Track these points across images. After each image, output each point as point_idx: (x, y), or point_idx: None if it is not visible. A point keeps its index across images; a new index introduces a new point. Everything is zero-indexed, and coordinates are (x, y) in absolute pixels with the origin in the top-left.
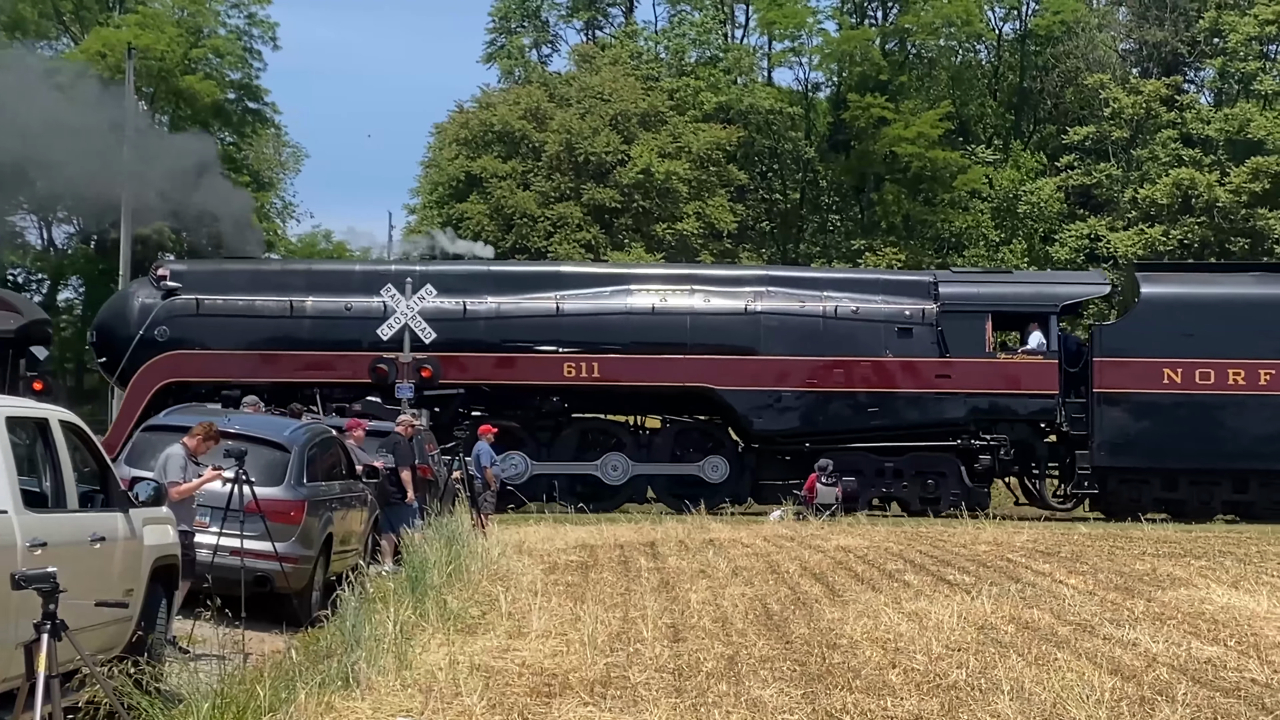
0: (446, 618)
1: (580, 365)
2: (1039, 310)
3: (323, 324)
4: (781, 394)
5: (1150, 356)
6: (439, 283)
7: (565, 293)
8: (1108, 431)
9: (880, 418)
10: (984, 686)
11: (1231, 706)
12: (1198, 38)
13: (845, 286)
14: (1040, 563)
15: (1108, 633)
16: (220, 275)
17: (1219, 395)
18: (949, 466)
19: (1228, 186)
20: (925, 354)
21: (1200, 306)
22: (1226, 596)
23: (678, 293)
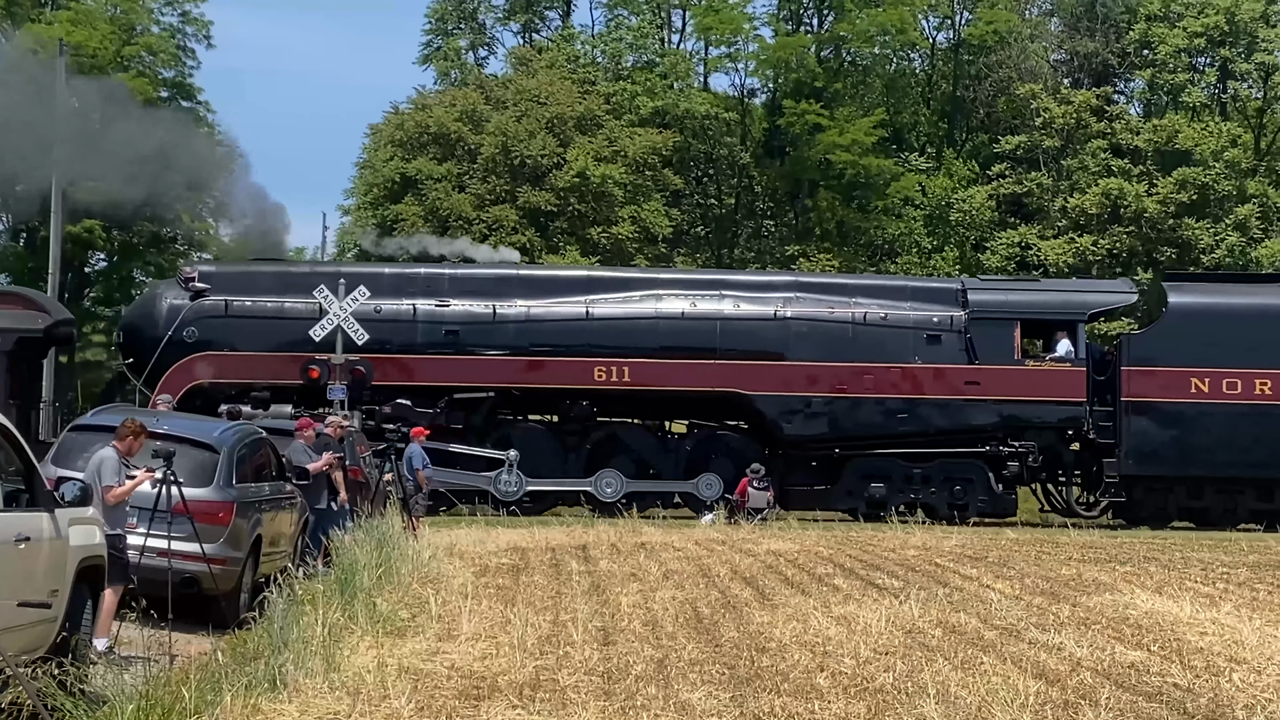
0: (376, 620)
1: (611, 369)
2: (1067, 318)
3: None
4: (811, 399)
5: (1178, 366)
6: (468, 286)
7: (594, 297)
8: (1135, 440)
9: (909, 424)
10: (910, 690)
11: (1154, 711)
12: (1128, 49)
13: (873, 293)
14: (968, 567)
15: (1033, 637)
16: (248, 277)
17: (1246, 405)
18: (977, 473)
19: (1156, 197)
20: (954, 361)
21: (1227, 316)
22: (1150, 602)
23: (707, 298)
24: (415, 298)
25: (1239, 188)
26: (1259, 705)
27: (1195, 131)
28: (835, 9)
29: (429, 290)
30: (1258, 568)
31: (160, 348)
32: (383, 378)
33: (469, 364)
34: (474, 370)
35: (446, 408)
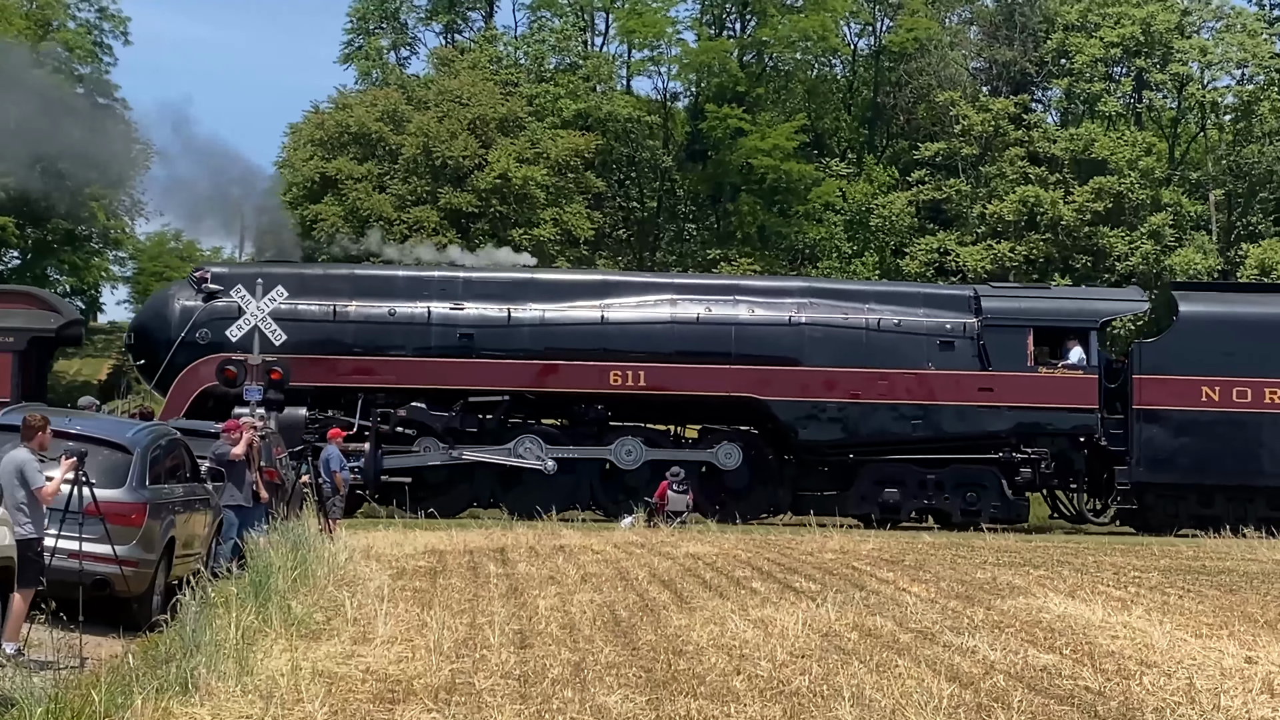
0: (290, 623)
1: (627, 373)
2: (1080, 326)
3: (367, 329)
4: (826, 404)
5: (1188, 374)
6: (483, 290)
7: (609, 301)
8: (1147, 447)
9: (923, 429)
10: (826, 693)
11: (1065, 714)
12: (1045, 58)
13: (886, 299)
14: (885, 571)
15: (948, 640)
16: (263, 279)
17: (1256, 413)
18: (989, 479)
19: (1072, 204)
20: (967, 367)
21: (1237, 325)
22: (1063, 605)
23: (722, 303)
24: (430, 301)
25: (1153, 196)
26: (1168, 709)
27: (1111, 140)
28: (758, 14)
29: (443, 294)
30: (1169, 572)
31: (173, 350)
32: (397, 380)
33: (484, 368)
34: (489, 374)
35: (461, 411)
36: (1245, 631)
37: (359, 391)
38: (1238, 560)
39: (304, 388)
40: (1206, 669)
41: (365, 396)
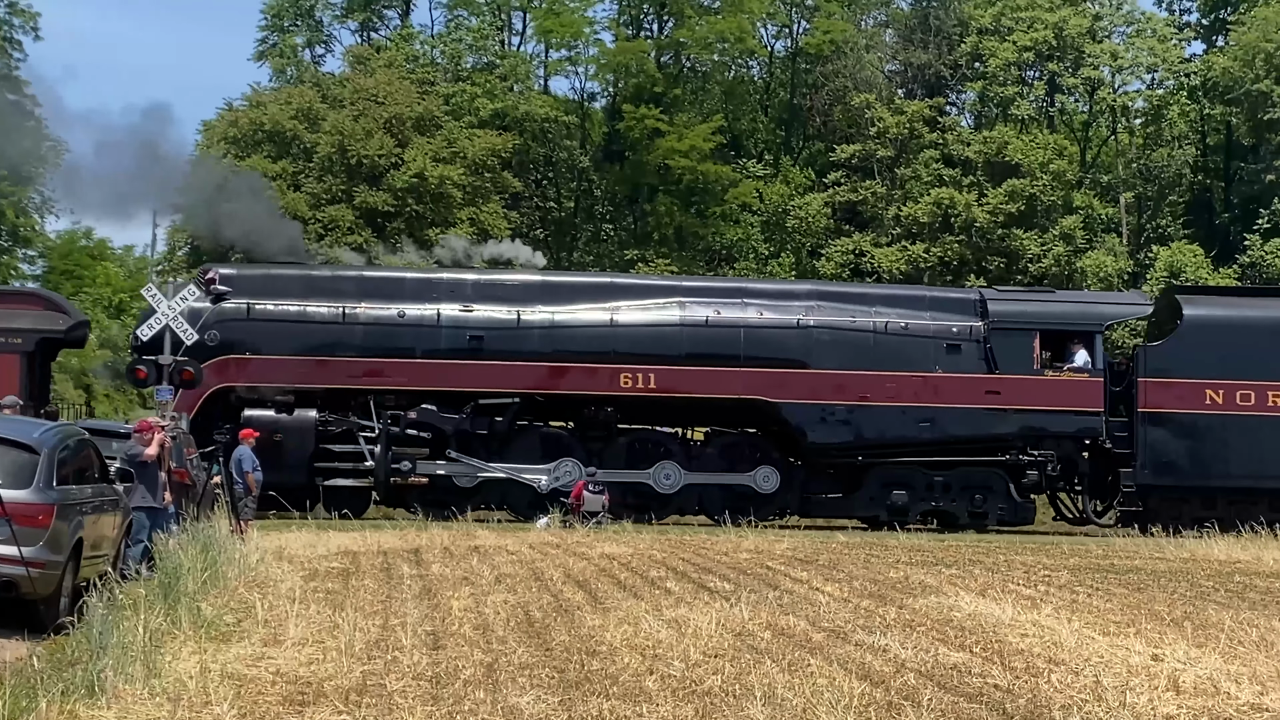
0: (200, 625)
1: (637, 376)
2: (1085, 329)
3: (376, 331)
4: (835, 407)
5: (1192, 377)
6: (492, 292)
7: (617, 303)
8: (1152, 450)
9: (931, 432)
10: (738, 692)
11: (974, 711)
12: (960, 61)
13: (892, 302)
14: (799, 570)
15: (860, 639)
16: (271, 280)
17: (1259, 416)
18: (996, 481)
19: (985, 207)
20: (973, 370)
21: (1241, 329)
22: (974, 604)
23: (730, 305)
24: (439, 303)
25: (1065, 199)
26: (1075, 706)
27: (1023, 144)
28: (675, 15)
29: (452, 295)
30: (1078, 571)
31: (181, 351)
32: (407, 382)
33: (495, 370)
34: (500, 376)
35: (472, 413)
36: (1152, 629)
37: (369, 394)
38: (1146, 559)
39: (314, 389)
40: (1113, 666)
41: (375, 398)
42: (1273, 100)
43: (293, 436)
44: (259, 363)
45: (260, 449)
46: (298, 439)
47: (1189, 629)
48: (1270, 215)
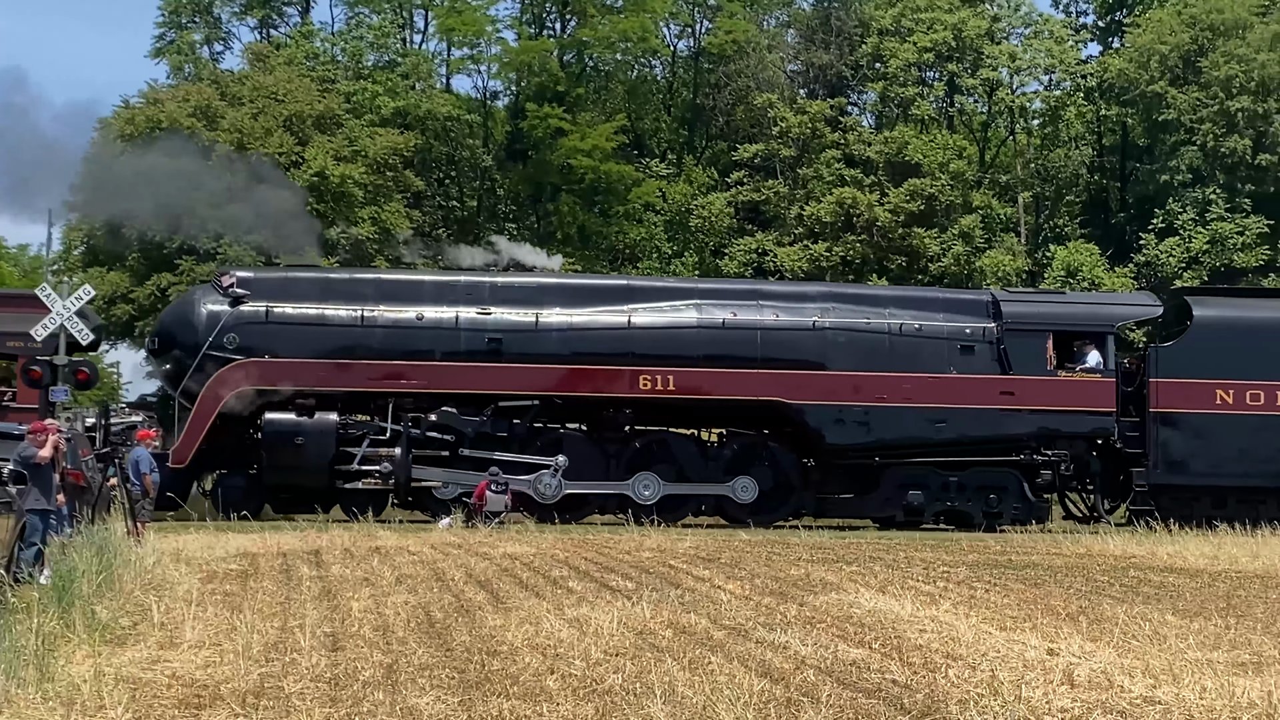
0: (94, 628)
1: (656, 378)
2: (1097, 330)
3: (395, 334)
4: (852, 408)
5: (1203, 378)
6: (509, 295)
7: (634, 306)
8: (1164, 450)
9: (947, 432)
10: (639, 691)
11: (872, 707)
12: (861, 62)
13: (906, 304)
14: (701, 569)
15: (760, 636)
16: (289, 283)
17: (1268, 416)
18: (1010, 481)
19: (886, 206)
20: (987, 371)
21: (1249, 330)
22: (874, 600)
23: (746, 307)
24: (457, 306)
25: (964, 199)
26: (972, 700)
27: (923, 144)
28: (578, 14)
29: (470, 298)
30: (976, 567)
31: (200, 354)
32: (428, 385)
33: (515, 372)
34: (520, 378)
35: (493, 416)
36: (1048, 624)
37: (389, 396)
38: (1043, 555)
39: (334, 393)
40: (1010, 661)
41: (395, 401)
42: (1167, 101)
43: (314, 440)
44: (280, 366)
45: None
46: (319, 442)
47: (1084, 623)
48: (1165, 215)
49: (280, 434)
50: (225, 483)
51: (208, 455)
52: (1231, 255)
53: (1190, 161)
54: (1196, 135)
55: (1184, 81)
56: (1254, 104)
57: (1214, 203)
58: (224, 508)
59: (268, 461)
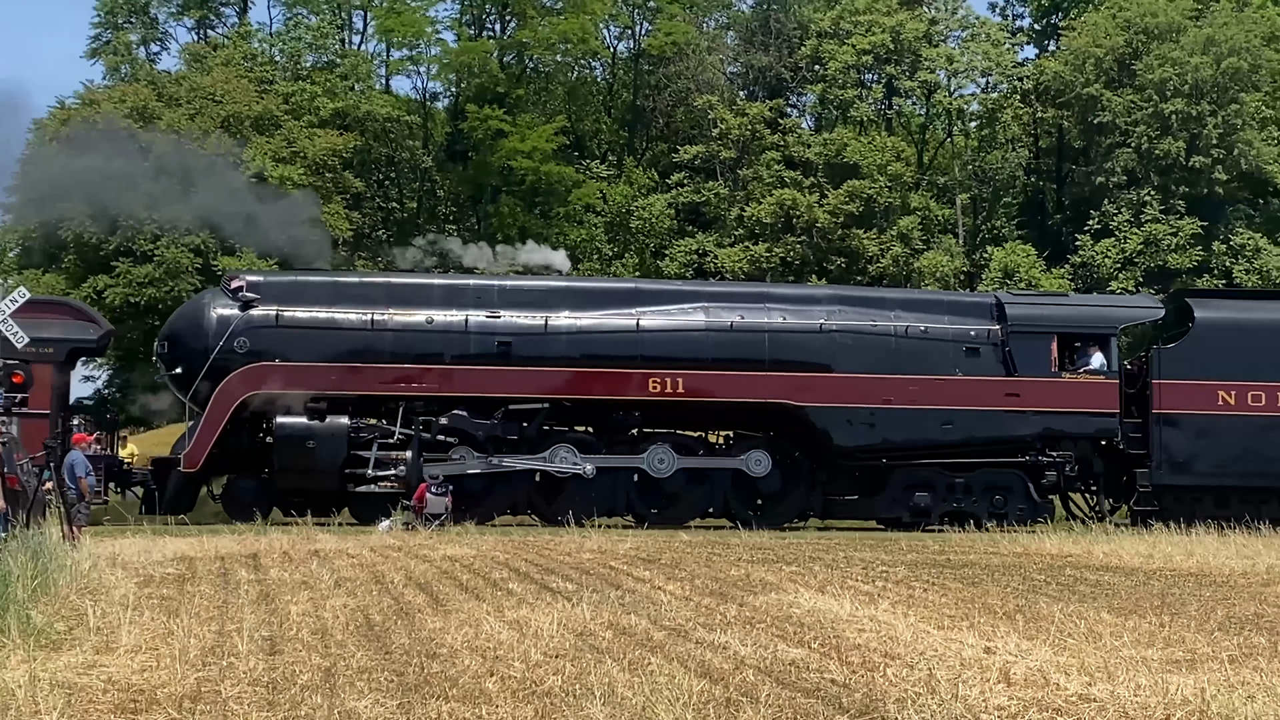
0: (29, 634)
1: (665, 380)
2: (1101, 332)
3: (406, 337)
4: (860, 410)
5: (1205, 379)
6: (520, 298)
7: (642, 309)
8: (1167, 450)
9: (954, 434)
10: (578, 692)
11: (811, 706)
12: (800, 64)
13: (912, 306)
14: (641, 570)
15: (700, 637)
16: (298, 287)
17: (1270, 416)
18: (1015, 482)
19: (826, 207)
20: (992, 373)
21: (1250, 331)
22: (813, 600)
23: (753, 310)
24: (466, 309)
25: (902, 200)
26: (909, 699)
27: (862, 145)
28: (517, 16)
29: (479, 302)
30: (915, 566)
31: (211, 358)
32: (439, 389)
33: (525, 375)
34: (530, 381)
35: (503, 419)
36: (985, 623)
37: (399, 400)
38: (981, 554)
39: (345, 396)
40: (947, 660)
41: (406, 405)
42: (1102, 104)
43: (325, 443)
44: (292, 370)
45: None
46: (330, 446)
47: (1020, 622)
48: (1100, 216)
49: (292, 437)
50: (236, 486)
51: (217, 460)
52: (1165, 256)
53: (1125, 164)
54: (1131, 138)
55: (1119, 84)
56: (1187, 107)
57: (1148, 204)
58: (235, 511)
59: (279, 465)
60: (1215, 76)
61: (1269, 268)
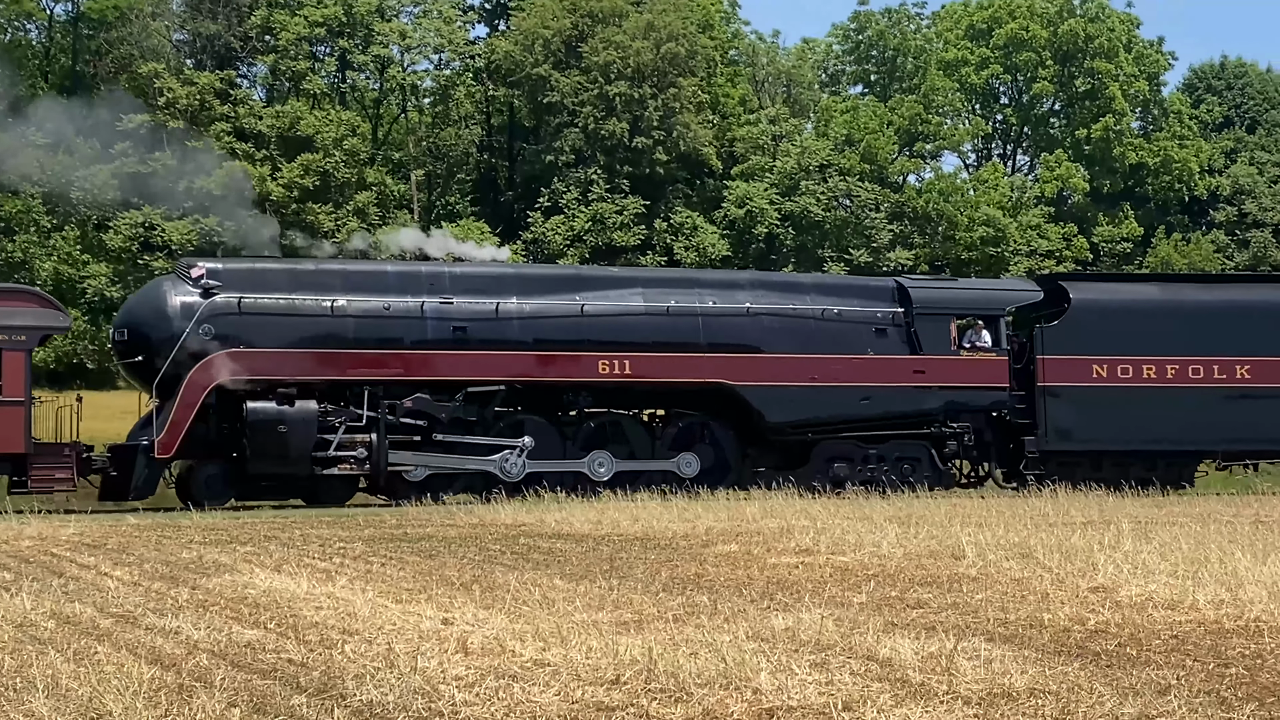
0: None
1: (613, 363)
2: (991, 313)
3: (366, 323)
4: (790, 389)
5: (1081, 354)
6: (470, 284)
7: (586, 294)
8: (1052, 420)
9: (871, 409)
10: (19, 686)
11: (268, 687)
12: (250, 33)
13: (823, 290)
14: (86, 556)
15: (150, 623)
16: (257, 274)
17: (1135, 387)
18: (922, 452)
19: (280, 181)
20: (899, 352)
21: (1117, 310)
22: (269, 580)
23: (686, 294)
24: (421, 295)
25: (359, 175)
26: (368, 674)
27: (317, 119)
28: None
29: (433, 288)
30: (373, 542)
31: (177, 346)
32: (404, 373)
33: (482, 359)
34: (488, 365)
35: (464, 401)
36: (443, 595)
37: (365, 384)
38: (438, 526)
39: (313, 381)
40: (406, 633)
41: (370, 389)
42: (551, 84)
43: (296, 428)
44: (261, 356)
45: (265, 439)
46: (302, 430)
47: (478, 592)
48: (550, 194)
49: (264, 422)
50: (203, 472)
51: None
52: (611, 234)
53: (573, 143)
54: (578, 118)
55: (567, 66)
56: (630, 89)
57: (595, 183)
58: (204, 497)
59: (251, 450)
60: (656, 61)
61: (705, 245)
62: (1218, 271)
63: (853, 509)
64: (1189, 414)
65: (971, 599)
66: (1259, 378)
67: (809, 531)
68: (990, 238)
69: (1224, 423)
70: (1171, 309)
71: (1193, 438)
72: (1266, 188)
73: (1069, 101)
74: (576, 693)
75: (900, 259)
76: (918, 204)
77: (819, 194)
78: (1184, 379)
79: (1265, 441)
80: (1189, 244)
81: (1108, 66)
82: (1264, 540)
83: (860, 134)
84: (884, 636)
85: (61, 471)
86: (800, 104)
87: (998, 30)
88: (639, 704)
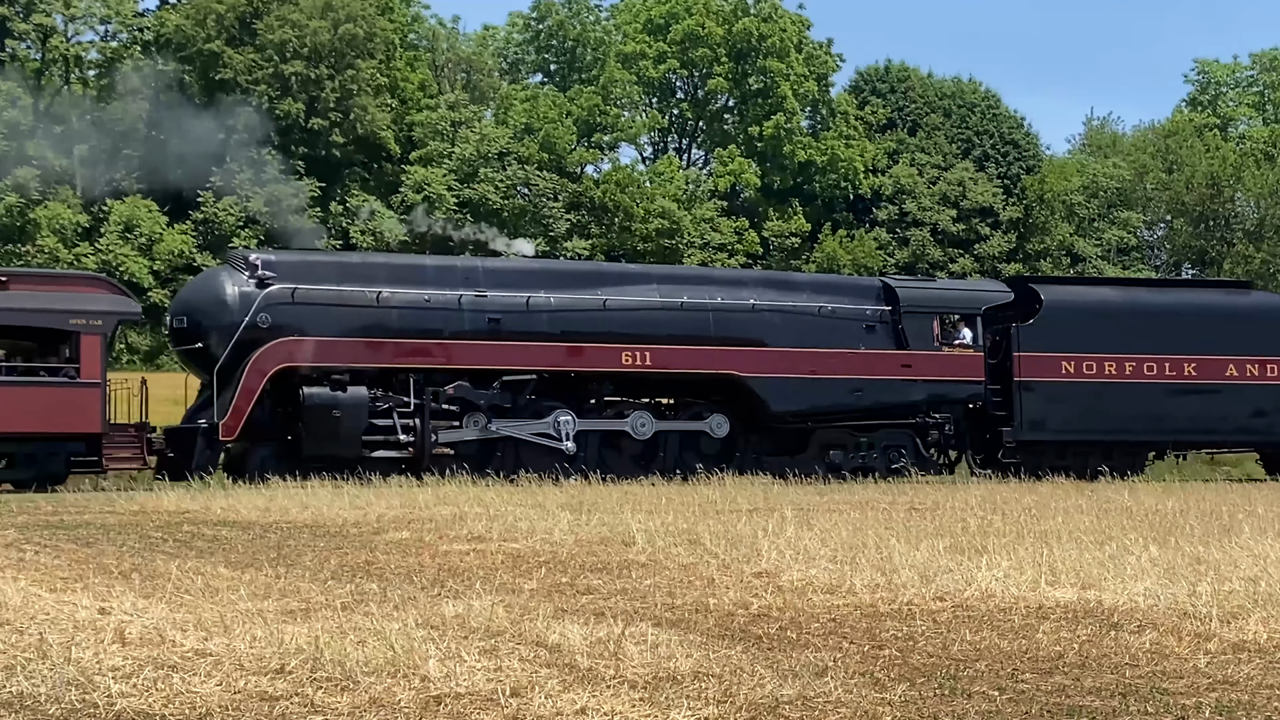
0: None
1: (636, 354)
2: (970, 312)
3: (408, 314)
4: (791, 380)
5: (1051, 352)
6: (502, 278)
7: (607, 289)
8: (1026, 412)
9: (863, 400)
10: None
11: None
12: None
13: (817, 288)
14: None
15: None
16: (308, 266)
17: (1099, 383)
18: (907, 441)
19: None
20: (886, 347)
21: (1082, 311)
22: None
23: (697, 290)
24: (458, 288)
25: (20, 149)
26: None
27: None
28: None
29: (467, 281)
30: (27, 529)
31: (238, 333)
32: (448, 361)
33: (516, 349)
34: (521, 355)
35: (500, 389)
36: (101, 583)
37: (411, 372)
38: (97, 513)
39: (364, 368)
40: (60, 623)
41: (415, 376)
42: (224, 61)
43: (350, 412)
44: (318, 343)
45: (320, 423)
46: (354, 414)
47: (137, 580)
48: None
49: (320, 407)
50: (257, 454)
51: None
52: (287, 217)
53: (246, 122)
54: (253, 96)
55: (241, 42)
56: (307, 70)
57: (270, 164)
58: (260, 475)
59: (307, 433)
60: (333, 41)
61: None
62: (878, 269)
63: (526, 496)
64: (1145, 407)
65: (640, 585)
66: (1204, 374)
67: (482, 519)
68: (665, 229)
69: (1175, 415)
70: (1129, 310)
71: (1147, 429)
72: (925, 188)
73: (742, 99)
74: (239, 682)
75: (577, 248)
76: (595, 194)
77: (497, 182)
78: (1140, 375)
79: (1207, 433)
80: (854, 240)
81: (779, 66)
82: (917, 527)
83: (540, 123)
84: (553, 623)
85: (131, 451)
86: (480, 91)
87: (675, 26)
88: (304, 693)
